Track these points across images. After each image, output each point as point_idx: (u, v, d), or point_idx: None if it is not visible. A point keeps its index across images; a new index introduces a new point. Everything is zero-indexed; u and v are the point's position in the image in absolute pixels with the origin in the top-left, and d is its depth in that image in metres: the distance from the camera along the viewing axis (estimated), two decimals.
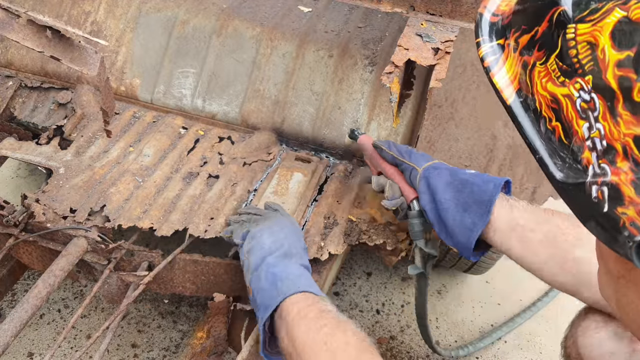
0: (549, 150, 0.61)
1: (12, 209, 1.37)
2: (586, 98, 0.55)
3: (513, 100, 0.64)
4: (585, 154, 0.56)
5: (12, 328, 1.12)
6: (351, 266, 2.29)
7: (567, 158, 0.59)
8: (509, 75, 0.65)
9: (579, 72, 0.56)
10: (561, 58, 0.58)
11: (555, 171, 0.60)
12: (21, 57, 1.76)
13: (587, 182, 0.56)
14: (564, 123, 0.59)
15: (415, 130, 1.54)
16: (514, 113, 0.64)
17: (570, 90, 0.57)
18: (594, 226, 0.56)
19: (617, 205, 0.53)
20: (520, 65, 0.64)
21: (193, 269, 1.37)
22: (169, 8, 1.72)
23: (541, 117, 0.62)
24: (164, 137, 1.60)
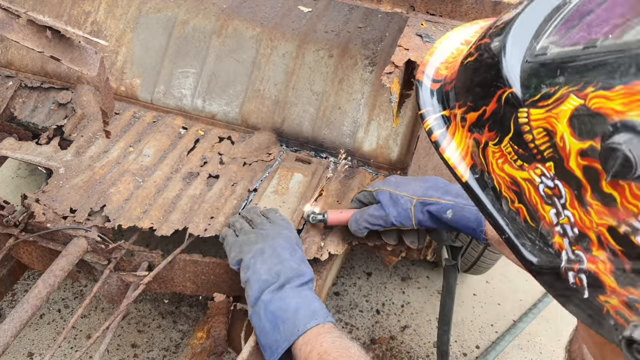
0: (515, 230, 0.56)
1: (12, 209, 1.37)
2: (549, 184, 0.51)
3: (468, 177, 0.60)
4: (556, 238, 0.52)
5: (12, 328, 1.12)
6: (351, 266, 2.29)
7: (537, 240, 0.54)
8: (460, 150, 0.61)
9: (537, 158, 0.52)
10: (516, 142, 0.53)
11: (526, 253, 0.55)
12: (21, 57, 1.76)
13: (562, 267, 0.52)
14: (527, 206, 0.54)
15: (415, 130, 1.54)
16: (472, 190, 0.60)
17: (531, 175, 0.53)
18: (575, 310, 0.52)
19: (599, 294, 0.49)
20: (472, 142, 0.59)
21: (193, 269, 1.37)
22: (169, 8, 1.72)
23: (502, 196, 0.57)
24: (164, 137, 1.60)
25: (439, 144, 0.62)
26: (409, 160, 1.51)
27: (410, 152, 1.53)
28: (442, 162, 0.62)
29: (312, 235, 1.37)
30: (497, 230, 0.58)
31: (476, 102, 0.58)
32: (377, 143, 1.56)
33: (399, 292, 2.22)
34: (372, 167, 1.59)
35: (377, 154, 1.57)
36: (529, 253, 0.55)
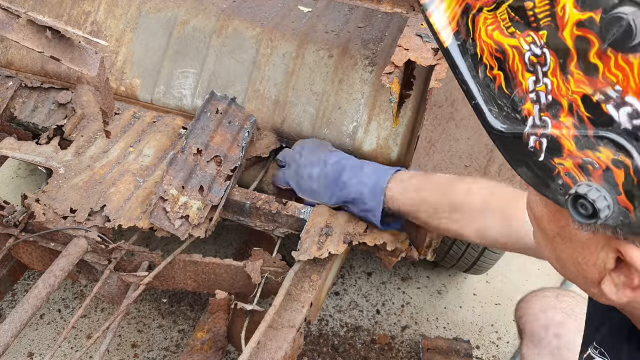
0: (485, 96, 0.60)
1: (12, 209, 1.37)
2: (537, 52, 0.55)
3: (450, 42, 0.62)
4: (527, 105, 0.57)
5: (12, 328, 1.12)
6: (351, 266, 2.29)
7: (505, 107, 0.59)
8: (447, 15, 0.62)
9: (532, 26, 0.55)
10: (514, 9, 0.56)
11: (491, 118, 0.60)
12: (21, 57, 1.76)
13: (525, 132, 0.57)
14: (507, 73, 0.58)
15: (415, 130, 1.54)
16: (451, 56, 0.62)
17: (520, 43, 0.56)
18: (525, 171, 0.58)
19: (554, 156, 0.55)
20: (461, 7, 0.61)
21: (193, 269, 1.37)
22: (169, 8, 1.72)
23: (481, 63, 0.60)
24: (164, 137, 1.60)
25: (426, 7, 0.63)
26: (409, 160, 1.51)
27: (410, 152, 1.53)
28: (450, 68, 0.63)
29: (312, 235, 1.37)
30: (468, 96, 0.62)
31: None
32: (377, 143, 1.56)
33: (399, 292, 2.23)
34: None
35: (377, 154, 1.57)
36: (494, 119, 0.60)
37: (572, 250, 0.62)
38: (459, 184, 1.29)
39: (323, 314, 2.10)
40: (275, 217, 1.45)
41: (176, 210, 1.34)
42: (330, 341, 2.02)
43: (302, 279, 1.33)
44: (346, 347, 2.01)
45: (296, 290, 1.32)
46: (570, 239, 0.62)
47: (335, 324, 2.08)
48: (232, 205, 1.47)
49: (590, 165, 0.52)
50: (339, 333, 2.05)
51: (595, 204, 0.51)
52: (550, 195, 0.57)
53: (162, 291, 2.09)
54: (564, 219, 0.60)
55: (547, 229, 0.65)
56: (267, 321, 1.20)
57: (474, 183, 1.29)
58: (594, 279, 0.62)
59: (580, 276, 0.64)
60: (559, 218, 0.61)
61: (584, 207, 0.52)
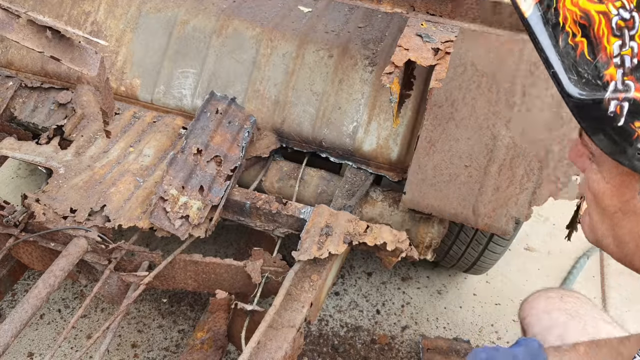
0: (565, 65, 0.61)
1: (12, 209, 1.37)
2: (625, 16, 0.56)
3: (532, 12, 0.62)
4: (610, 70, 0.57)
5: (12, 328, 1.13)
6: (351, 266, 2.29)
7: (586, 74, 0.59)
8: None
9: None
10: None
11: (569, 86, 0.60)
12: (21, 57, 1.76)
13: (606, 97, 0.57)
14: (591, 39, 0.59)
15: (415, 130, 1.54)
16: (531, 26, 0.62)
17: (609, 8, 0.57)
18: (602, 138, 0.59)
19: (636, 120, 0.56)
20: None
21: (194, 269, 1.37)
22: (169, 8, 1.72)
23: (563, 31, 0.61)
24: (164, 137, 1.60)
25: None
26: (409, 161, 1.51)
27: (410, 152, 1.53)
28: None
29: (312, 235, 1.37)
30: (546, 64, 0.62)
31: None
32: (377, 143, 1.56)
33: (399, 292, 2.22)
34: (372, 167, 1.58)
35: (377, 154, 1.57)
36: (573, 87, 0.60)
37: (634, 224, 0.63)
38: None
39: (323, 314, 2.10)
40: (276, 217, 1.45)
41: (176, 210, 1.34)
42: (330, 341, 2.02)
43: (302, 279, 1.33)
44: (346, 347, 2.01)
45: (296, 290, 1.32)
46: (633, 212, 0.62)
47: (335, 324, 2.08)
48: (232, 205, 1.47)
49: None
50: (339, 333, 2.05)
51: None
52: (626, 162, 0.57)
53: (162, 291, 2.09)
54: (629, 191, 0.62)
55: (608, 205, 0.65)
56: (267, 321, 1.20)
57: None
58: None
59: (638, 250, 0.65)
60: (623, 192, 0.62)
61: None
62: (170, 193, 1.36)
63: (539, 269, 2.39)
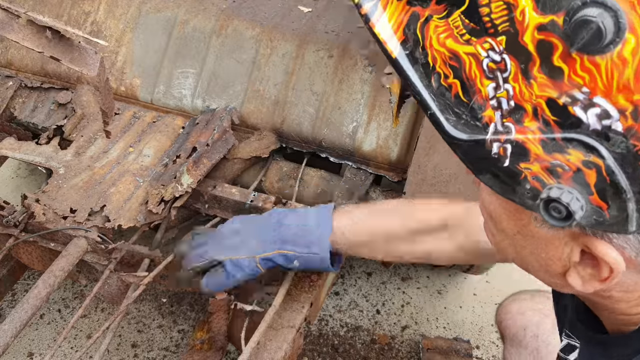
0: (440, 105, 0.58)
1: (12, 209, 1.37)
2: (496, 59, 0.52)
3: (398, 52, 0.59)
4: (488, 112, 0.54)
5: (12, 328, 1.13)
6: (351, 266, 2.29)
7: (464, 115, 0.56)
8: (392, 24, 0.59)
9: (490, 32, 0.52)
10: (468, 15, 0.53)
11: (449, 127, 0.57)
12: (21, 57, 1.76)
13: (487, 139, 0.55)
14: (463, 81, 0.56)
15: (415, 131, 1.54)
16: (400, 66, 0.59)
17: (477, 50, 0.53)
18: (489, 178, 0.56)
19: (520, 161, 0.53)
20: (407, 15, 0.58)
21: None
22: (169, 8, 1.72)
23: (434, 72, 0.58)
24: (164, 138, 1.60)
25: (368, 17, 0.59)
26: (409, 161, 1.51)
27: (410, 152, 1.53)
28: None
29: None
30: (422, 106, 0.59)
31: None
32: (376, 143, 1.56)
33: (399, 292, 2.23)
34: (372, 167, 1.59)
35: (376, 154, 1.57)
36: (452, 128, 0.57)
37: (534, 246, 0.61)
38: (411, 207, 1.24)
39: (323, 314, 2.10)
40: None
41: (156, 202, 1.38)
42: (330, 341, 2.02)
43: (302, 279, 1.33)
44: (346, 347, 2.01)
45: (296, 290, 1.32)
46: (532, 236, 0.61)
47: (335, 324, 2.08)
48: (232, 205, 1.47)
49: (560, 167, 0.51)
50: (339, 333, 2.05)
51: (570, 207, 0.50)
52: (517, 200, 0.55)
53: (162, 291, 2.09)
54: (525, 217, 0.59)
55: (506, 228, 0.64)
56: (267, 321, 1.20)
57: (426, 204, 1.23)
58: (557, 272, 0.62)
59: (543, 270, 0.64)
60: (519, 217, 0.60)
61: (556, 210, 0.51)
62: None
63: None
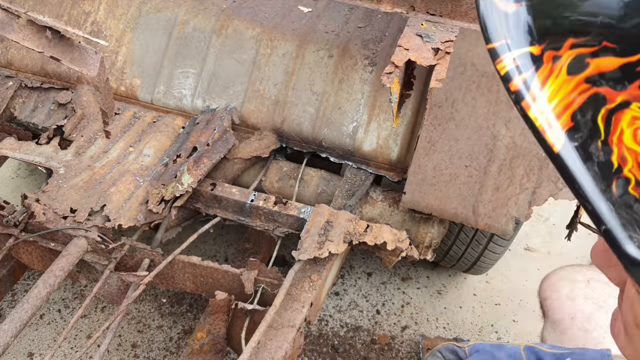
0: (622, 219, 0.43)
1: (12, 209, 1.37)
2: None
3: (562, 145, 0.43)
4: None
5: (12, 328, 1.12)
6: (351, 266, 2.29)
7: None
8: (554, 106, 0.43)
9: None
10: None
11: (632, 249, 0.42)
12: (21, 57, 1.76)
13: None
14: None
15: (415, 130, 1.54)
16: (564, 164, 0.43)
17: None
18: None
19: None
20: (585, 98, 0.43)
21: (192, 271, 1.37)
22: (169, 8, 1.72)
23: (619, 175, 0.43)
24: (164, 137, 1.60)
25: (522, 95, 0.43)
26: (409, 161, 1.51)
27: (410, 152, 1.53)
28: (530, 129, 0.43)
29: (311, 235, 1.37)
30: (594, 218, 0.44)
31: (625, 42, 0.41)
32: (377, 143, 1.56)
33: (399, 292, 2.22)
34: (372, 167, 1.58)
35: (377, 154, 1.57)
36: (637, 250, 0.42)
37: None
38: None
39: (323, 314, 2.10)
40: (276, 216, 1.45)
41: (156, 201, 1.38)
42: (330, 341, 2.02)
43: (302, 279, 1.33)
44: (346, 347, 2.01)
45: (296, 290, 1.32)
46: None
47: (335, 324, 2.08)
48: (232, 205, 1.47)
49: None
50: (339, 333, 2.05)
51: None
52: None
53: (162, 291, 2.09)
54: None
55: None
56: (267, 321, 1.20)
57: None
58: None
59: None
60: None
61: None
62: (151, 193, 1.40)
63: (538, 269, 2.38)
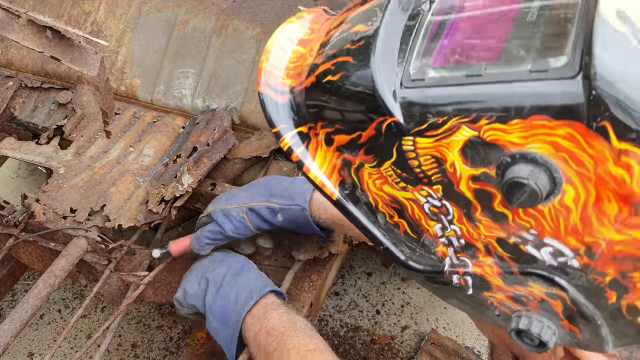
0: (392, 239, 0.56)
1: (12, 209, 1.37)
2: (436, 204, 0.51)
3: (338, 194, 0.57)
4: (440, 248, 0.53)
5: (12, 328, 1.12)
6: (351, 266, 2.29)
7: (417, 249, 0.55)
8: (325, 168, 0.57)
9: (424, 182, 0.51)
10: (399, 166, 0.52)
11: (405, 260, 0.56)
12: (21, 57, 1.76)
13: (445, 270, 0.53)
14: (409, 221, 0.54)
15: None
16: (343, 207, 0.57)
17: (415, 196, 0.52)
18: (457, 303, 0.55)
19: (484, 291, 0.52)
20: (340, 161, 0.57)
21: None
22: (169, 8, 1.72)
23: (378, 211, 0.56)
24: (164, 137, 1.60)
25: (302, 163, 0.58)
26: None
27: None
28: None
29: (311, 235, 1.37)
30: (375, 242, 0.57)
31: (348, 127, 0.54)
32: None
33: (399, 292, 2.22)
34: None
35: None
36: (409, 259, 0.55)
37: None
38: None
39: (323, 314, 2.10)
40: None
41: (156, 202, 1.38)
42: (330, 341, 2.02)
43: (302, 279, 1.33)
44: (346, 347, 2.01)
45: (296, 290, 1.32)
46: None
47: (335, 324, 2.08)
48: None
49: (524, 297, 0.50)
50: (339, 333, 2.05)
51: (541, 337, 0.49)
52: (490, 321, 0.54)
53: None
54: None
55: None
56: None
57: None
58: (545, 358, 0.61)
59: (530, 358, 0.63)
60: None
61: (529, 338, 0.50)
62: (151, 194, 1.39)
63: None
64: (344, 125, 0.54)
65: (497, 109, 0.44)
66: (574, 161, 0.42)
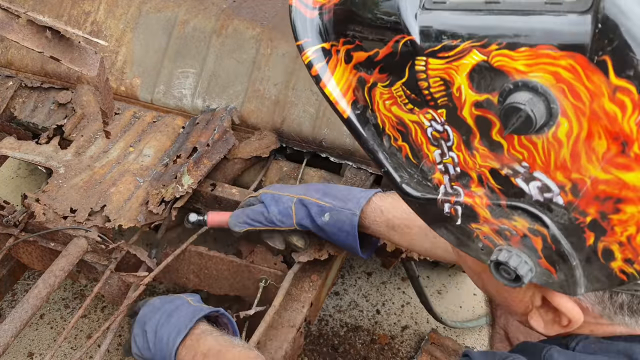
0: (393, 164, 0.59)
1: (12, 209, 1.37)
2: (438, 129, 0.54)
3: (349, 113, 0.60)
4: (437, 175, 0.56)
5: (12, 328, 1.12)
6: (351, 266, 2.30)
7: (416, 175, 0.58)
8: (341, 86, 0.60)
9: (430, 104, 0.53)
10: (409, 87, 0.54)
11: (403, 185, 0.59)
12: (21, 57, 1.76)
13: (438, 199, 0.56)
14: (411, 145, 0.57)
15: None
16: (353, 126, 0.61)
17: (420, 119, 0.55)
18: (445, 232, 0.58)
19: (471, 222, 0.55)
20: (356, 80, 0.59)
21: (198, 262, 1.37)
22: (169, 8, 1.72)
23: (384, 133, 0.59)
24: (164, 137, 1.60)
25: (319, 78, 0.60)
26: None
27: None
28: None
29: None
30: (377, 164, 0.61)
31: (367, 44, 0.57)
32: None
33: (399, 292, 2.23)
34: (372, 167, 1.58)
35: None
36: (406, 185, 0.59)
37: (498, 286, 0.61)
38: None
39: (323, 314, 2.10)
40: None
41: (156, 202, 1.37)
42: (330, 341, 2.02)
43: (302, 279, 1.33)
44: (346, 347, 2.01)
45: (296, 290, 1.32)
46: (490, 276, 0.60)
47: (335, 324, 2.08)
48: (233, 205, 1.47)
49: (508, 231, 0.52)
50: (339, 333, 2.05)
51: (518, 271, 0.51)
52: (472, 254, 0.56)
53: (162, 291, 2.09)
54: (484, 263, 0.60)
55: (471, 267, 0.66)
56: (267, 321, 1.20)
57: None
58: (520, 312, 0.63)
59: (506, 305, 0.65)
60: (479, 262, 0.61)
61: (506, 272, 0.52)
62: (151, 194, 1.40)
63: None
64: (364, 42, 0.57)
65: (509, 35, 0.46)
66: (572, 94, 0.44)
